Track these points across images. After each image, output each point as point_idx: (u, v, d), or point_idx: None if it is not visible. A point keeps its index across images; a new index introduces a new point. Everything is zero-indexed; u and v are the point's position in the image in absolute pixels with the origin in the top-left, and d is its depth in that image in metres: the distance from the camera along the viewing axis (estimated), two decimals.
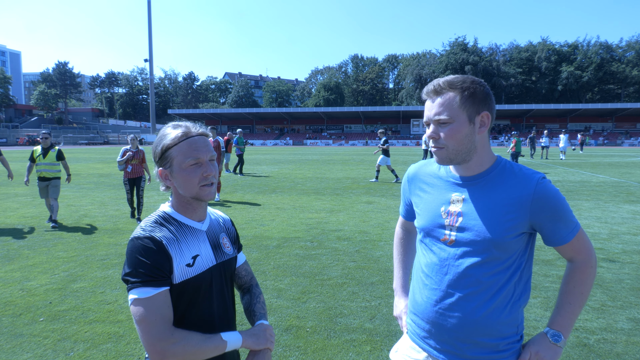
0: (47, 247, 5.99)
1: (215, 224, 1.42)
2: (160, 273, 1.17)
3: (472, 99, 1.28)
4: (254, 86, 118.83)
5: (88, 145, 62.56)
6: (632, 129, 65.46)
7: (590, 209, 8.89)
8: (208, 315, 1.30)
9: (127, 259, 1.19)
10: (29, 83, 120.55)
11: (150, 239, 1.20)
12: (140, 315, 1.13)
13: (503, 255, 1.29)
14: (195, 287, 1.26)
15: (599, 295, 4.21)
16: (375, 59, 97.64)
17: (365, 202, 9.96)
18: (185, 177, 1.25)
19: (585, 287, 1.35)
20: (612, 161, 24.16)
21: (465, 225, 1.32)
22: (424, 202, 1.45)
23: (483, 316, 1.30)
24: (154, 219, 1.28)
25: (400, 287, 1.68)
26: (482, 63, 77.16)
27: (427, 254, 1.42)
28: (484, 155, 1.35)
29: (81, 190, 12.18)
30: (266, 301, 4.10)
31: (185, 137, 1.26)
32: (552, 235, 1.31)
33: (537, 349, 1.34)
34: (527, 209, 1.27)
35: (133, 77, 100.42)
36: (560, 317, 1.36)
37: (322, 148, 51.84)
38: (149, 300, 1.14)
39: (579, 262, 1.36)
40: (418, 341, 1.45)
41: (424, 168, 1.51)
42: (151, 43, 68.02)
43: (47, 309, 3.94)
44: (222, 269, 1.37)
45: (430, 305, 1.38)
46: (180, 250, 1.24)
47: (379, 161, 13.99)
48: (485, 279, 1.30)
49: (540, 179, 1.28)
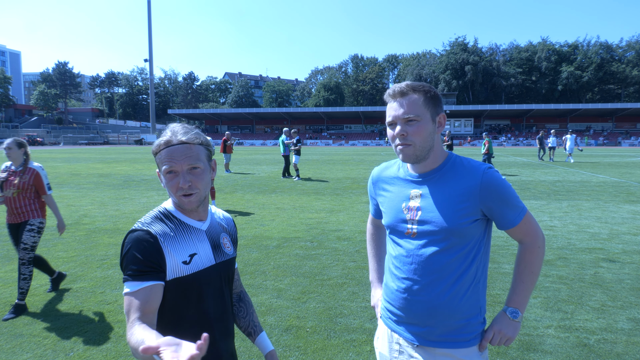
0: (47, 247, 5.99)
1: (216, 224, 1.43)
2: (150, 267, 1.19)
3: (434, 101, 1.43)
4: (254, 86, 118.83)
5: (88, 145, 62.56)
6: (632, 129, 65.45)
7: (590, 209, 8.89)
8: (205, 313, 1.31)
9: (122, 251, 1.22)
10: (28, 83, 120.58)
11: (145, 232, 1.22)
12: (127, 308, 1.17)
13: (462, 241, 1.41)
14: (191, 285, 1.26)
15: (599, 295, 4.21)
16: (375, 59, 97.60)
17: (365, 202, 9.96)
18: (166, 184, 1.28)
19: (535, 267, 1.48)
20: (612, 161, 24.16)
21: (425, 218, 1.44)
22: (387, 201, 1.57)
23: (448, 299, 1.42)
24: (154, 214, 1.31)
25: (376, 279, 1.81)
26: (482, 63, 77.18)
27: (395, 247, 1.54)
28: (438, 153, 1.48)
29: (81, 190, 12.18)
30: (266, 301, 4.10)
31: (165, 146, 1.26)
32: (501, 219, 1.44)
33: (500, 327, 1.48)
34: (477, 197, 1.39)
35: (133, 77, 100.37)
36: (516, 296, 1.49)
37: (322, 148, 51.84)
38: (134, 294, 1.17)
39: (527, 244, 1.49)
40: (392, 325, 1.56)
41: (384, 171, 1.64)
42: (151, 43, 68.05)
43: (47, 309, 3.94)
44: (222, 269, 1.38)
45: (400, 292, 1.49)
46: (176, 248, 1.25)
47: (295, 160, 15.22)
48: (447, 265, 1.41)
49: (487, 169, 1.41)
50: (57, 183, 13.72)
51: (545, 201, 9.89)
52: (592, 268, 5.02)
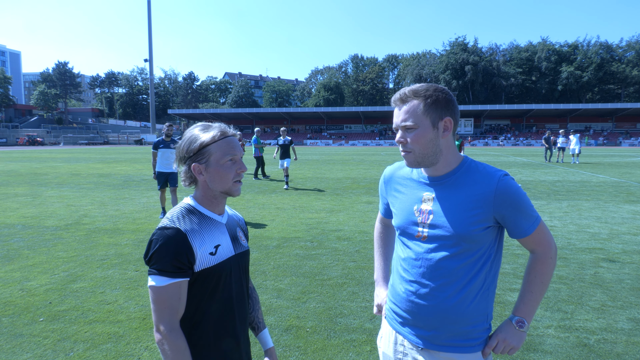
0: (47, 247, 5.99)
1: (232, 219, 1.55)
2: (178, 265, 1.28)
3: (435, 106, 1.38)
4: (254, 86, 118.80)
5: (88, 145, 62.56)
6: (632, 129, 65.46)
7: (590, 209, 8.89)
8: (228, 300, 1.41)
9: (152, 246, 1.29)
10: (29, 83, 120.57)
11: (175, 230, 1.30)
12: (154, 300, 1.29)
13: (473, 247, 1.39)
14: (217, 274, 1.37)
15: (599, 295, 4.21)
16: (375, 59, 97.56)
17: (365, 202, 9.96)
18: (221, 173, 1.38)
19: (546, 277, 1.45)
20: (612, 161, 24.15)
21: (436, 222, 1.42)
22: (399, 202, 1.56)
23: (455, 304, 1.41)
24: (179, 210, 1.38)
25: (381, 278, 1.81)
26: (482, 63, 77.17)
27: (404, 249, 1.53)
28: (450, 157, 1.45)
29: (81, 190, 12.18)
30: (266, 301, 4.10)
31: (224, 136, 1.39)
32: (514, 228, 1.41)
33: (504, 335, 1.45)
34: (491, 204, 1.37)
35: (133, 77, 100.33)
36: (523, 305, 1.46)
37: (322, 148, 51.84)
38: (162, 289, 1.27)
39: (539, 254, 1.45)
40: (397, 327, 1.56)
41: (398, 171, 1.62)
42: (151, 43, 68.01)
43: (47, 309, 3.94)
44: (240, 259, 1.48)
45: (408, 295, 1.48)
46: (204, 240, 1.35)
47: (285, 164, 12.85)
48: (457, 270, 1.40)
49: (502, 176, 1.38)
50: (57, 183, 13.72)
51: (545, 201, 9.89)
52: (592, 268, 5.02)
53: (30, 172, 17.67)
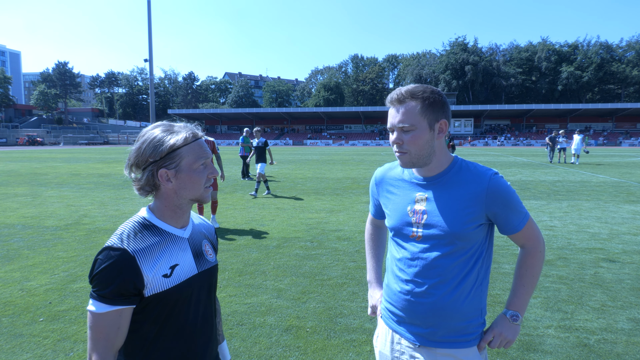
0: (46, 247, 5.99)
1: (197, 231, 1.38)
2: (121, 293, 1.14)
3: (432, 108, 1.40)
4: (254, 86, 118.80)
5: (88, 145, 62.55)
6: (632, 129, 65.47)
7: (590, 209, 8.89)
8: (189, 326, 1.28)
9: (95, 267, 1.15)
10: (28, 83, 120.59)
11: (122, 251, 1.15)
12: (90, 326, 1.16)
13: (466, 245, 1.42)
14: (173, 297, 1.22)
15: (599, 295, 4.21)
16: (375, 59, 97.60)
17: (365, 202, 9.96)
18: (193, 178, 1.24)
19: (536, 270, 1.50)
20: (612, 161, 24.16)
21: (430, 222, 1.44)
22: (392, 203, 1.57)
23: (450, 301, 1.44)
24: (131, 226, 1.22)
25: (375, 279, 1.82)
26: (482, 63, 77.22)
27: (399, 249, 1.54)
28: (442, 157, 1.48)
29: (81, 190, 12.18)
30: (266, 301, 4.10)
31: (195, 138, 1.26)
32: (505, 224, 1.45)
33: (500, 329, 1.50)
34: (483, 202, 1.40)
35: (133, 77, 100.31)
36: (516, 299, 1.51)
37: (322, 148, 51.84)
38: (100, 316, 1.14)
39: (529, 248, 1.51)
40: (393, 325, 1.57)
41: (389, 172, 1.63)
42: (151, 43, 67.93)
43: (47, 309, 3.94)
44: (205, 277, 1.33)
45: (403, 294, 1.50)
46: (156, 262, 1.19)
47: (260, 169, 11.17)
48: (452, 268, 1.43)
49: (493, 175, 1.42)
50: (57, 183, 13.72)
51: (545, 201, 9.89)
52: (592, 268, 5.02)
53: (30, 172, 17.67)
